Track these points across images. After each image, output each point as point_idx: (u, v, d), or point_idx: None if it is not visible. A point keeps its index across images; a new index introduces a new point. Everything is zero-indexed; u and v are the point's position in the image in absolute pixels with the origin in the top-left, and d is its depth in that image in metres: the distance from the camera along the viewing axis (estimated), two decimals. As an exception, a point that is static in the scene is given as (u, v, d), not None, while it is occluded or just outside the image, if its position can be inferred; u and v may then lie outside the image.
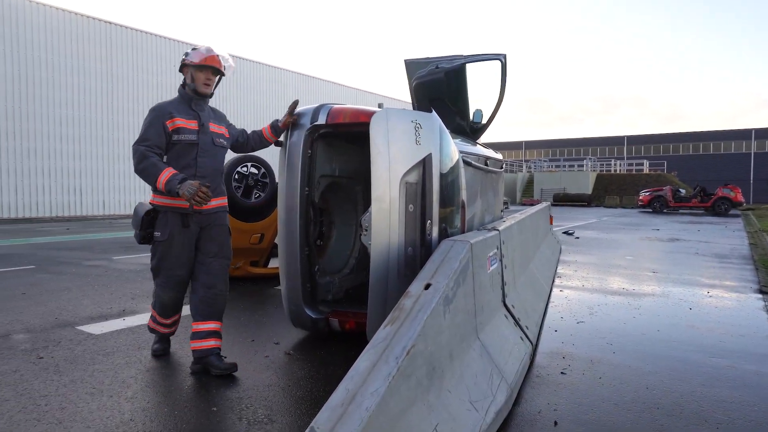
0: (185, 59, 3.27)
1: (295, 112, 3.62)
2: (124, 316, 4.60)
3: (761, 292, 5.81)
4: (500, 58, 5.14)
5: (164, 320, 3.46)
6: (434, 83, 5.03)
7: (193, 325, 3.26)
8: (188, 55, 3.27)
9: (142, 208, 3.33)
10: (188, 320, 3.32)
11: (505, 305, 3.49)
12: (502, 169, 6.17)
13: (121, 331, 4.12)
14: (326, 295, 4.09)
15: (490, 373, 2.63)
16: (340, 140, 4.25)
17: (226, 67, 3.33)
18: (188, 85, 3.28)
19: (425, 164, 3.22)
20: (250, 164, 5.82)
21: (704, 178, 43.48)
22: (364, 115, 3.45)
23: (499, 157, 5.90)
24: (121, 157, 22.64)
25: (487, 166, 4.89)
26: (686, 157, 56.15)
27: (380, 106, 3.49)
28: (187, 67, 3.27)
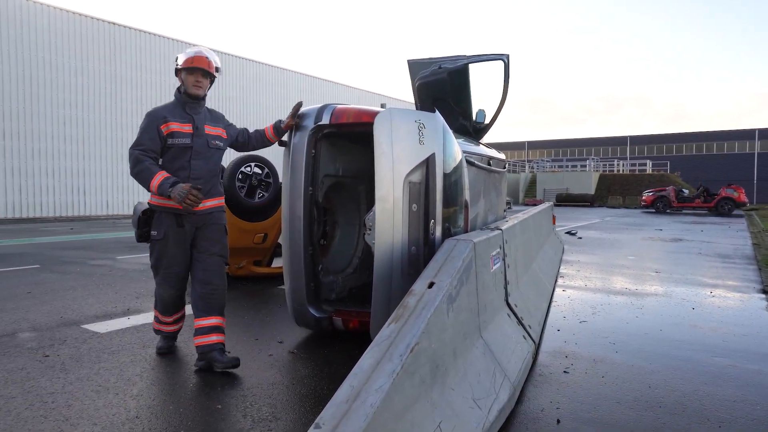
0: (175, 63, 3.31)
1: (298, 113, 3.64)
2: (128, 314, 4.63)
3: (764, 292, 5.81)
4: (503, 58, 5.14)
5: (166, 318, 3.50)
6: (437, 83, 5.03)
7: (195, 321, 3.30)
8: (178, 58, 3.31)
9: (140, 207, 3.37)
10: (192, 319, 3.35)
11: (508, 304, 3.50)
12: (504, 169, 6.17)
13: (126, 329, 4.15)
14: (330, 294, 4.11)
15: (493, 371, 2.65)
16: (343, 140, 4.26)
17: (217, 68, 3.35)
18: (181, 88, 3.32)
19: (429, 164, 3.23)
20: (253, 164, 5.85)
21: (707, 178, 43.26)
22: (367, 115, 3.47)
23: (501, 157, 5.90)
24: (124, 157, 22.64)
25: (490, 166, 4.90)
26: (689, 157, 56.00)
27: (383, 106, 3.50)
28: (179, 71, 3.31)
